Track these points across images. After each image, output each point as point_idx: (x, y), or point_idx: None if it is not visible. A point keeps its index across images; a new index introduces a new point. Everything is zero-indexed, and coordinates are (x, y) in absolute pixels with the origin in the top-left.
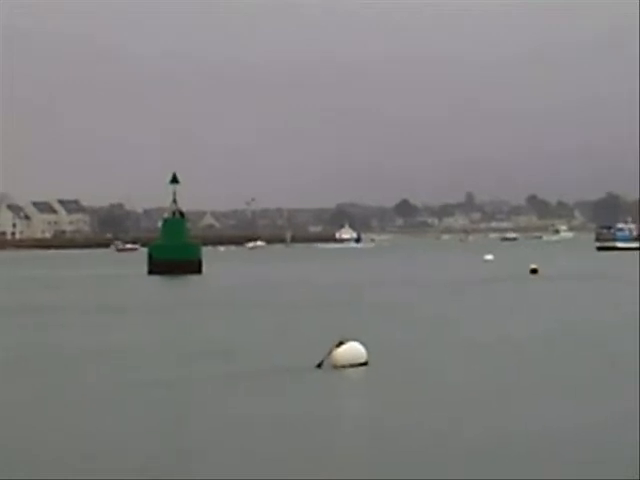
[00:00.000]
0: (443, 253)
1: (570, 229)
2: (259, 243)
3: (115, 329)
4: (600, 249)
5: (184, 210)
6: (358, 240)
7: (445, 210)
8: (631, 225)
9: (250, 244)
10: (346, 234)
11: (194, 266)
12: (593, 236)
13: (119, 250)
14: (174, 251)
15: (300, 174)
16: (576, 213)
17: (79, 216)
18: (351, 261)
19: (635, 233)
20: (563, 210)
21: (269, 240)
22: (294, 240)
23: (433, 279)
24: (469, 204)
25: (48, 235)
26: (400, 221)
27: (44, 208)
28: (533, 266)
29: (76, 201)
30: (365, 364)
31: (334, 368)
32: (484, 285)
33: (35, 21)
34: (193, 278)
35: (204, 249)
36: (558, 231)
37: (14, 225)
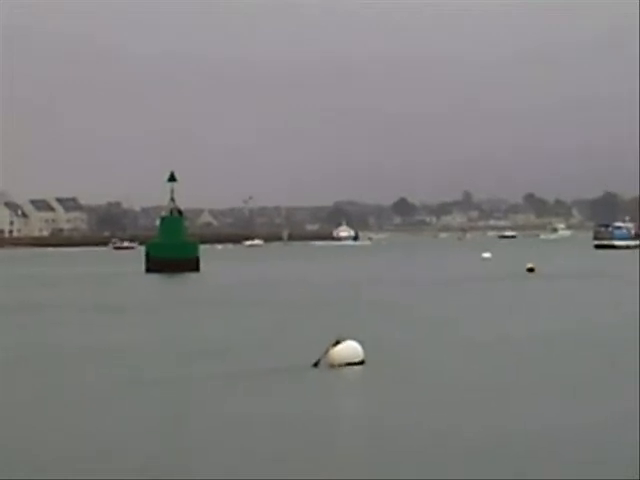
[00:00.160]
0: (441, 251)
1: (568, 227)
2: (257, 241)
3: (113, 327)
4: (598, 247)
5: (182, 208)
6: (355, 238)
7: (443, 208)
8: (629, 223)
9: (248, 242)
10: (344, 232)
11: (192, 264)
12: (591, 234)
13: (117, 248)
14: (172, 249)
15: (298, 172)
16: (574, 211)
17: (77, 214)
18: (348, 259)
19: (633, 231)
20: (561, 208)
21: (267, 238)
22: (291, 238)
23: (430, 277)
24: (467, 202)
25: (46, 233)
26: (398, 219)
27: (42, 206)
28: (530, 265)
29: (74, 199)
30: (362, 363)
31: (330, 367)
32: (482, 283)
33: (35, 21)
34: (191, 276)
35: (202, 247)
36: (556, 229)
37: (12, 223)
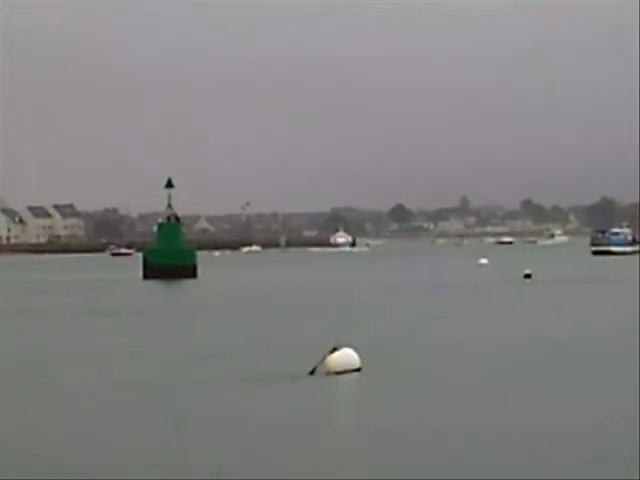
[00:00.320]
0: (438, 257)
1: (565, 233)
2: (254, 248)
3: (110, 334)
4: (595, 253)
5: (179, 214)
6: (353, 244)
7: (440, 214)
8: (626, 229)
9: (246, 249)
10: (341, 238)
11: (189, 271)
12: (588, 240)
13: (114, 255)
14: (169, 256)
15: (296, 176)
16: (571, 217)
17: (74, 221)
18: (346, 265)
19: (630, 237)
20: (558, 214)
21: (264, 244)
22: (289, 244)
23: (428, 283)
24: (464, 208)
25: (43, 240)
26: (395, 225)
27: (39, 212)
28: (527, 271)
29: (71, 206)
30: (358, 370)
31: (327, 375)
32: (479, 289)
33: (35, 21)
34: (188, 283)
35: (199, 253)
36: (553, 235)
37: (9, 230)
